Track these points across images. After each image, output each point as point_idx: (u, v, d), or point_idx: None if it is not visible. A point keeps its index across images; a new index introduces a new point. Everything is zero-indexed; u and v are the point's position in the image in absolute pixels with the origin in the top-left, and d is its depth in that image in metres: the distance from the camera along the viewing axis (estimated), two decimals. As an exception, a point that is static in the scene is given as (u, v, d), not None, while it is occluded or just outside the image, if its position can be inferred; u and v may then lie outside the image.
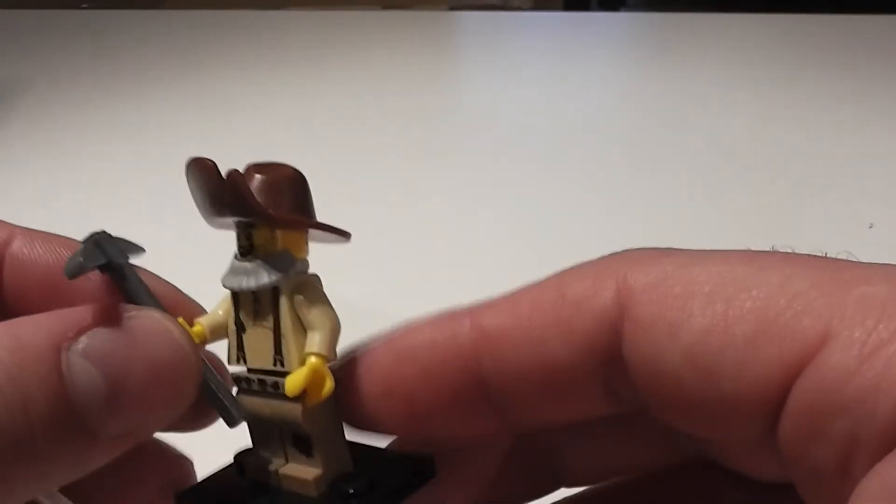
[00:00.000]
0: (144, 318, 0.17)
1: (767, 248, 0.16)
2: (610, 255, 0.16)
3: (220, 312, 0.19)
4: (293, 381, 0.17)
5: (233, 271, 0.18)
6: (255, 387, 0.18)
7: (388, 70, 0.82)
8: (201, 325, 0.19)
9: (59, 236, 0.20)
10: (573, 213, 0.52)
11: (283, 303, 0.18)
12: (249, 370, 0.18)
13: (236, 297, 0.19)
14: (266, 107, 0.73)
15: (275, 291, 0.18)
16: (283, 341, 0.18)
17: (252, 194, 0.18)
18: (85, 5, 1.17)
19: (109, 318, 0.16)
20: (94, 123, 0.71)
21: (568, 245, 0.48)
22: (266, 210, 0.18)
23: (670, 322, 0.15)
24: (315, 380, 0.17)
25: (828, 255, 0.15)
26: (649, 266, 0.15)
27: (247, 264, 0.18)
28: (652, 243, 0.17)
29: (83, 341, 0.15)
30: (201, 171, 0.18)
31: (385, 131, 0.67)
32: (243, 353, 0.18)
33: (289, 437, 0.18)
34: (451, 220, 0.52)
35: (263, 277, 0.18)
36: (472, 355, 0.16)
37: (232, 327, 0.19)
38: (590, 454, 0.19)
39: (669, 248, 0.16)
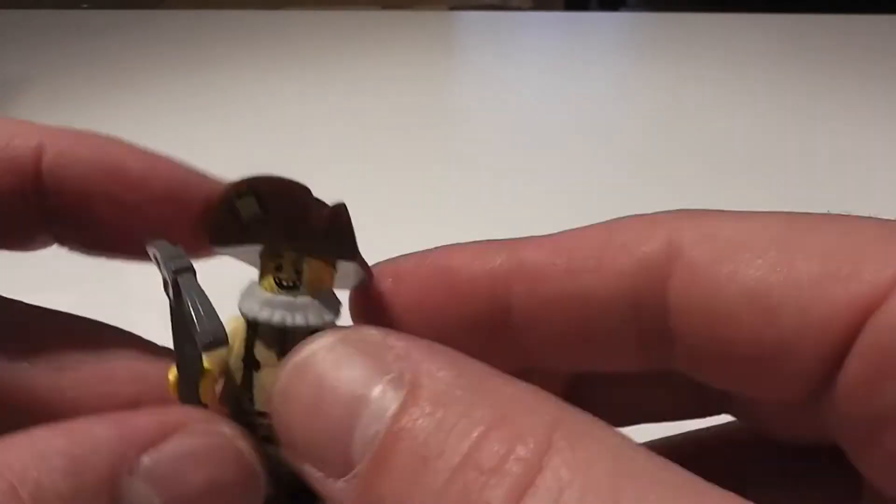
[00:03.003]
0: (214, 437, 0.15)
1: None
2: (660, 212, 0.16)
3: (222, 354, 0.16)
4: None
5: (266, 303, 0.16)
6: (267, 432, 0.16)
7: (388, 70, 0.82)
8: (210, 374, 0.16)
9: (90, 137, 0.18)
10: (573, 212, 0.52)
11: None
12: (257, 413, 0.16)
13: (252, 332, 0.16)
14: (266, 107, 0.73)
15: (315, 331, 0.16)
16: None
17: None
18: (85, 5, 1.17)
19: (175, 431, 0.14)
20: (94, 123, 0.70)
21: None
22: (360, 254, 0.16)
23: (729, 263, 0.14)
24: None
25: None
26: (702, 222, 0.15)
27: (292, 298, 0.16)
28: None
29: (145, 463, 0.14)
30: (292, 191, 0.16)
31: (385, 131, 0.67)
32: (251, 394, 0.16)
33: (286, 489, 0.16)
34: (450, 219, 0.52)
35: (316, 317, 0.16)
36: (503, 281, 0.16)
37: (238, 364, 0.16)
38: (613, 395, 0.19)
39: (721, 210, 0.16)
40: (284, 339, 0.16)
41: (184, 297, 0.15)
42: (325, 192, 0.20)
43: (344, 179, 0.58)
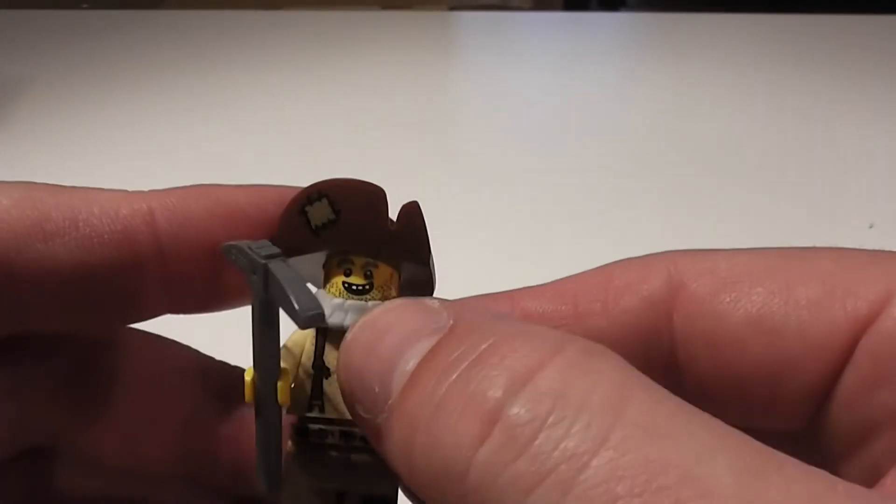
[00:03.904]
0: None
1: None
2: (654, 253, 0.17)
3: (287, 358, 0.16)
4: None
5: (337, 307, 0.16)
6: (335, 440, 0.16)
7: (388, 70, 0.82)
8: (287, 375, 0.16)
9: (192, 188, 0.18)
10: (573, 213, 0.52)
11: None
12: (326, 420, 0.16)
13: (322, 337, 0.16)
14: (266, 107, 0.73)
15: None
16: None
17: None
18: (85, 5, 1.17)
19: None
20: (94, 123, 0.70)
21: (568, 245, 0.48)
22: (432, 258, 0.16)
23: (730, 293, 0.15)
24: None
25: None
26: (698, 259, 0.16)
27: (364, 302, 0.16)
28: (652, 243, 0.17)
29: None
30: (367, 193, 0.16)
31: (384, 131, 0.67)
32: (321, 401, 0.16)
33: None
34: (449, 220, 0.52)
35: None
36: None
37: (309, 371, 0.16)
38: None
39: (713, 249, 0.17)
40: None
41: (277, 281, 0.14)
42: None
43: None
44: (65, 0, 1.15)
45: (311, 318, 0.14)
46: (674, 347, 0.16)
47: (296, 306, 0.14)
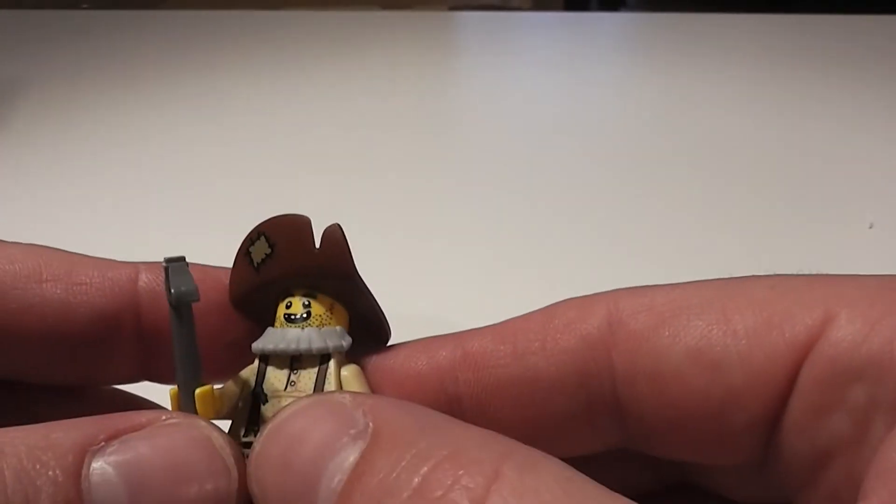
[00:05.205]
0: (186, 429, 0.15)
1: (767, 247, 0.17)
2: (598, 293, 0.17)
3: (233, 385, 0.17)
4: None
5: (273, 336, 0.17)
6: None
7: (388, 70, 0.82)
8: (211, 388, 0.17)
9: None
10: (573, 213, 0.52)
11: (332, 371, 0.17)
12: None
13: (264, 365, 0.17)
14: (266, 107, 0.73)
15: (324, 360, 0.17)
16: None
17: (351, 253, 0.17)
18: (85, 5, 1.17)
19: (148, 424, 0.14)
20: (94, 124, 0.70)
21: (567, 245, 0.48)
22: (358, 275, 0.17)
23: (669, 327, 0.15)
24: None
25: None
26: (636, 295, 0.16)
27: (298, 330, 0.17)
28: (651, 242, 0.17)
29: (113, 447, 0.14)
30: (293, 226, 0.17)
31: (384, 131, 0.67)
32: (257, 426, 0.17)
33: None
34: (449, 220, 0.52)
35: (319, 342, 0.17)
36: (450, 373, 0.17)
37: (247, 398, 0.17)
38: None
39: (654, 285, 0.16)
40: (292, 368, 0.17)
41: (168, 277, 0.16)
42: (324, 192, 0.20)
43: (343, 180, 0.58)
44: (65, 0, 1.15)
45: (178, 294, 0.15)
46: (615, 386, 0.16)
47: (170, 287, 0.15)
